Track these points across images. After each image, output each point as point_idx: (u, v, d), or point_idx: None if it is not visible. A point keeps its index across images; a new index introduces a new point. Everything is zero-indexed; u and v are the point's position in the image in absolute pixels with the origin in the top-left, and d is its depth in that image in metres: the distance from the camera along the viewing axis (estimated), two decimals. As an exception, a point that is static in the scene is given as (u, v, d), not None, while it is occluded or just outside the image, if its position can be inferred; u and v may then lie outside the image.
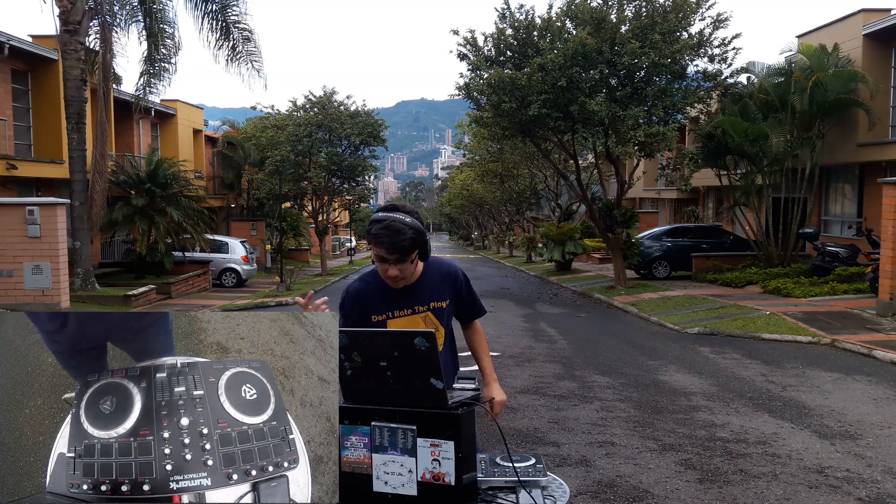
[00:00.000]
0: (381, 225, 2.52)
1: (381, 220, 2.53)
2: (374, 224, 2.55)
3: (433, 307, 2.74)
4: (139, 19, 16.68)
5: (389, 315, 2.70)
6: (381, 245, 2.52)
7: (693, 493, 4.62)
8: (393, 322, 2.70)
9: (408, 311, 2.71)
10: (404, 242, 2.50)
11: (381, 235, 2.51)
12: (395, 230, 2.50)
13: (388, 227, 2.51)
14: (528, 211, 37.19)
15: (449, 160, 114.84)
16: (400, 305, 2.70)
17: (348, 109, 27.08)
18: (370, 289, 2.72)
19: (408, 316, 2.71)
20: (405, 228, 2.51)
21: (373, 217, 2.59)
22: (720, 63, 16.86)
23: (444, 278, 2.77)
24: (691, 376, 8.30)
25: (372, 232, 2.54)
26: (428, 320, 2.73)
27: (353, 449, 2.16)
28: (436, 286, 2.75)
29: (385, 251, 2.52)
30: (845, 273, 15.23)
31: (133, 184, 19.52)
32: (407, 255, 2.54)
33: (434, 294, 2.74)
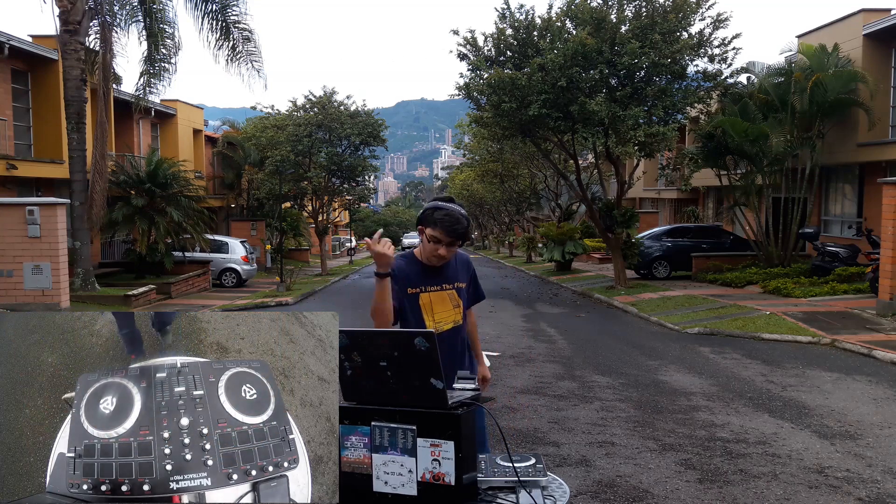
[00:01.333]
0: (445, 211, 2.95)
1: (444, 208, 2.97)
2: (436, 210, 2.97)
3: (457, 286, 3.17)
4: (139, 19, 16.69)
5: (422, 289, 3.10)
6: (443, 228, 2.93)
7: (693, 493, 4.62)
8: (425, 295, 3.10)
9: (437, 288, 3.12)
10: (461, 230, 2.96)
11: (445, 220, 2.93)
12: (455, 218, 2.94)
13: (450, 214, 2.95)
14: (528, 211, 37.19)
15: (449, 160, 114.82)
16: (431, 282, 3.11)
17: (348, 109, 27.07)
18: (409, 266, 3.12)
19: (437, 291, 3.12)
20: (462, 219, 2.96)
21: (432, 204, 3.01)
22: (720, 63, 16.87)
23: (462, 264, 3.24)
24: (691, 376, 8.30)
25: (435, 216, 2.95)
26: (452, 297, 3.15)
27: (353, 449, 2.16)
28: (458, 269, 3.20)
29: (444, 234, 2.94)
30: (845, 273, 15.23)
31: (133, 184, 19.52)
32: (461, 239, 2.99)
33: (457, 275, 3.19)
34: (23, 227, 12.78)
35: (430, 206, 3.02)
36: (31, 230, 12.78)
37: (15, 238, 12.81)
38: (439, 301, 3.12)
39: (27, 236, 12.80)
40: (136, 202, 18.88)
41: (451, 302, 3.15)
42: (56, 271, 12.92)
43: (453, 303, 3.15)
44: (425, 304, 3.09)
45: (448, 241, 2.96)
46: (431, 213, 2.97)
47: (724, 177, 19.07)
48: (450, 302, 3.14)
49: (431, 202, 3.07)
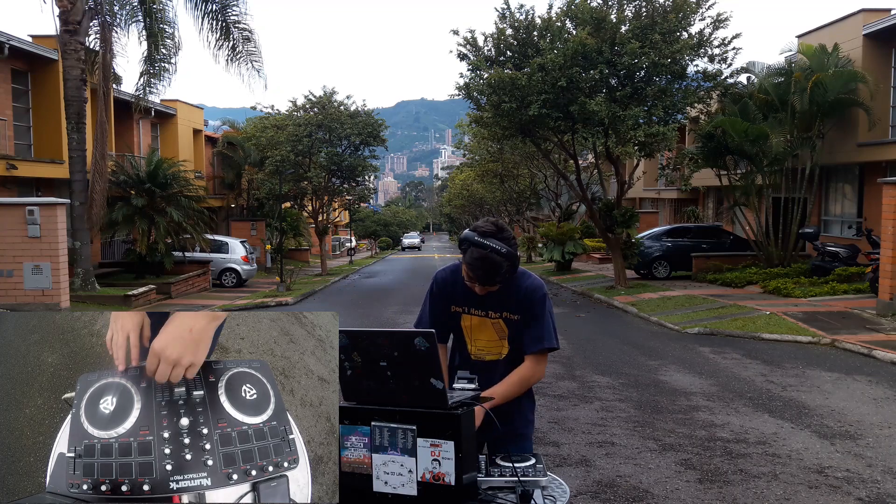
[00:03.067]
0: (479, 255, 2.49)
1: (482, 246, 2.48)
2: (472, 247, 2.51)
3: (505, 317, 2.74)
4: (139, 19, 16.69)
5: (465, 310, 2.76)
6: (475, 273, 2.54)
7: (693, 493, 4.62)
8: (466, 317, 2.77)
9: (481, 313, 2.75)
10: (497, 277, 2.53)
11: (477, 268, 2.51)
12: (491, 264, 2.49)
13: (485, 259, 2.48)
14: (528, 211, 37.19)
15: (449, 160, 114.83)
16: (477, 305, 2.74)
17: (348, 109, 27.08)
18: (456, 281, 2.77)
19: (480, 317, 2.76)
20: (502, 263, 2.49)
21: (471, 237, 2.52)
22: (720, 63, 16.86)
23: (523, 295, 2.70)
24: (691, 376, 8.30)
25: (468, 260, 2.54)
26: (498, 327, 2.75)
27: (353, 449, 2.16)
28: (512, 298, 2.70)
29: (478, 280, 2.56)
30: (845, 273, 15.23)
31: (133, 184, 19.52)
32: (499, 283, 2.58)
33: (509, 305, 2.72)
34: (23, 227, 12.78)
35: (466, 237, 2.54)
36: (31, 230, 12.77)
37: (15, 238, 12.80)
38: (481, 328, 2.77)
39: (27, 236, 12.80)
40: (136, 202, 18.88)
41: (497, 332, 2.76)
42: (56, 271, 12.92)
43: (499, 334, 2.76)
44: (467, 328, 2.80)
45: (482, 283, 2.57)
46: (467, 247, 2.53)
47: (724, 177, 19.07)
48: (494, 332, 2.76)
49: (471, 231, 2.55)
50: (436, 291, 2.82)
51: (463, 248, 2.55)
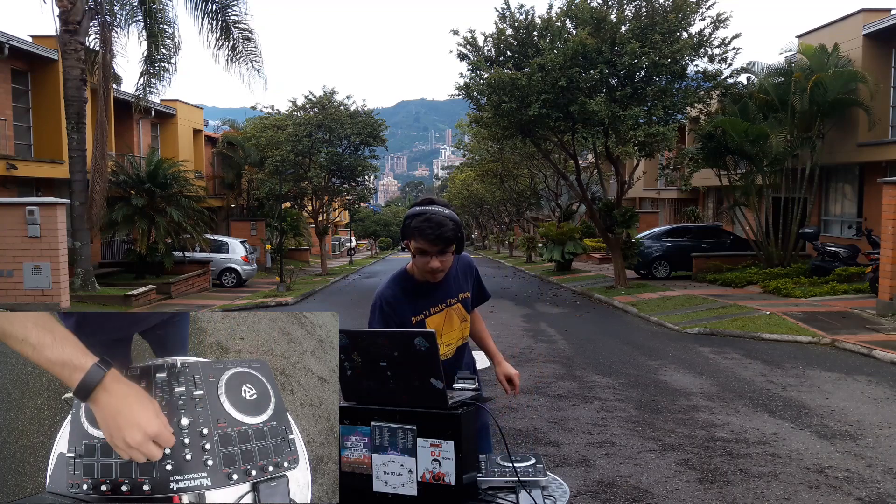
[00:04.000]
0: (422, 217, 2.50)
1: (421, 213, 2.52)
2: (413, 218, 2.53)
3: (461, 298, 2.81)
4: (139, 19, 16.69)
5: (427, 314, 2.71)
6: (424, 237, 2.49)
7: (693, 493, 4.62)
8: (430, 319, 2.72)
9: (441, 307, 2.74)
10: (447, 233, 2.50)
11: (424, 227, 2.49)
12: (437, 222, 2.49)
13: (429, 219, 2.49)
14: (528, 211, 37.20)
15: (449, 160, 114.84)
16: (433, 302, 2.73)
17: (348, 109, 27.09)
18: (401, 292, 2.70)
19: (441, 311, 2.75)
20: (446, 220, 2.50)
21: (410, 212, 2.57)
22: (720, 63, 16.87)
23: (464, 269, 2.85)
24: (691, 376, 8.30)
25: (412, 225, 2.52)
26: (458, 312, 2.80)
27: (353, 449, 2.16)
28: (459, 277, 2.81)
29: (428, 243, 2.50)
30: (845, 273, 15.23)
31: (133, 184, 19.52)
32: (449, 245, 2.53)
33: (460, 285, 2.81)
34: (23, 227, 12.78)
35: (409, 214, 2.57)
36: (31, 230, 12.78)
37: (15, 238, 12.81)
38: (446, 321, 2.76)
39: (27, 236, 12.81)
40: (136, 202, 18.88)
41: (458, 317, 2.81)
42: (56, 271, 12.93)
43: (460, 317, 2.81)
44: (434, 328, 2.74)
45: (436, 249, 2.51)
46: (410, 221, 2.53)
47: (724, 177, 19.07)
48: (457, 319, 2.80)
49: (410, 209, 2.61)
50: (387, 311, 2.68)
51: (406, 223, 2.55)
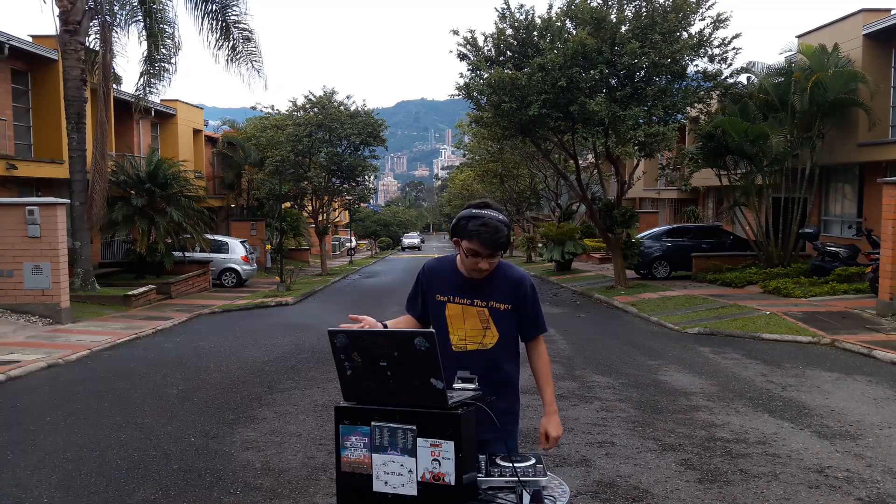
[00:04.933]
0: (481, 221, 2.64)
1: (478, 217, 2.65)
2: (471, 220, 2.66)
3: (492, 306, 2.81)
4: (139, 19, 16.69)
5: (450, 299, 2.82)
6: (480, 240, 2.63)
7: (693, 493, 4.62)
8: (451, 306, 2.82)
9: (467, 301, 2.80)
10: (502, 239, 2.65)
11: (482, 231, 2.63)
12: (493, 227, 2.63)
13: (487, 223, 2.63)
14: (528, 211, 37.18)
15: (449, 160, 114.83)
16: (463, 294, 2.81)
17: (348, 109, 27.08)
18: (443, 271, 2.88)
19: (465, 305, 2.81)
20: (502, 227, 2.65)
21: (466, 213, 2.70)
22: (720, 63, 16.85)
23: (509, 282, 2.83)
24: (691, 376, 8.30)
25: (470, 228, 2.65)
26: (482, 316, 2.80)
27: (353, 449, 2.16)
28: (500, 288, 2.81)
29: (483, 247, 2.64)
30: (845, 273, 15.23)
31: (133, 184, 19.51)
32: (501, 250, 2.68)
33: (496, 295, 2.81)
34: (23, 227, 12.78)
35: (464, 216, 2.69)
36: (31, 230, 12.77)
37: (15, 238, 12.80)
38: (465, 317, 2.81)
39: (27, 236, 12.80)
40: (136, 202, 18.87)
41: (481, 321, 2.80)
42: (56, 271, 12.92)
43: (483, 323, 2.80)
44: (451, 316, 2.82)
45: (488, 252, 2.65)
46: (466, 223, 2.66)
47: (724, 177, 19.07)
48: (479, 321, 2.80)
49: (465, 210, 2.73)
50: (422, 278, 2.93)
51: (462, 224, 2.69)
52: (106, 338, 11.51)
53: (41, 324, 12.61)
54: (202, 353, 10.33)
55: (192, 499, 4.62)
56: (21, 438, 6.00)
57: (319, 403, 7.10)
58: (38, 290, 12.93)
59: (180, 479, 4.97)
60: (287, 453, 5.52)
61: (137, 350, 10.76)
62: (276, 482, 4.89)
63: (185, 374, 8.77)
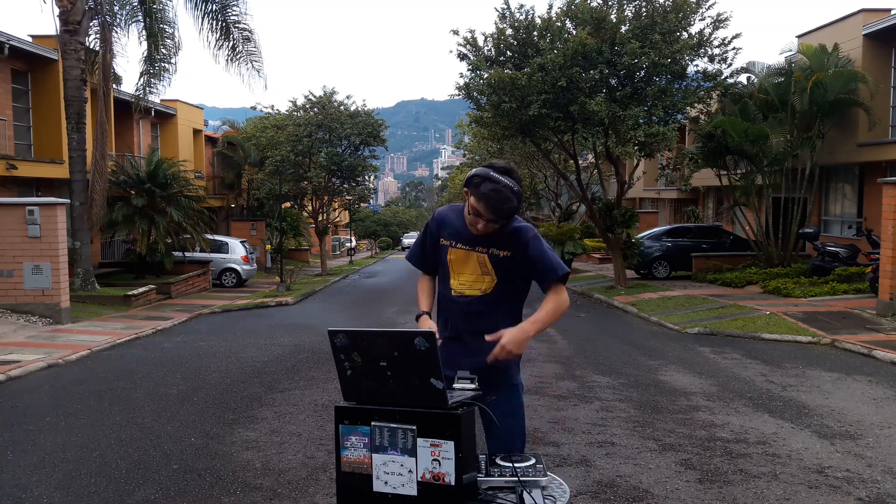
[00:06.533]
0: (494, 186, 2.61)
1: (494, 180, 2.62)
2: (486, 181, 2.62)
3: (491, 252, 2.79)
4: (139, 19, 16.69)
5: (452, 244, 2.85)
6: (487, 206, 2.62)
7: (693, 493, 4.62)
8: (453, 250, 2.85)
9: (467, 248, 2.82)
10: (507, 211, 2.64)
11: (492, 198, 2.61)
12: (504, 197, 2.61)
13: (499, 190, 2.61)
14: (528, 211, 37.17)
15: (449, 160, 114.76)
16: (465, 241, 2.83)
17: (348, 109, 27.08)
18: (453, 219, 2.90)
19: (466, 251, 2.82)
20: (512, 198, 2.62)
21: (484, 172, 2.64)
22: (720, 63, 16.86)
23: (510, 232, 2.80)
24: (691, 376, 8.30)
25: (482, 190, 2.62)
26: (481, 260, 2.80)
27: (353, 449, 2.16)
28: (501, 237, 2.79)
29: (488, 212, 2.64)
30: (845, 273, 15.23)
31: (133, 184, 19.51)
32: (503, 220, 2.69)
33: (497, 242, 2.79)
34: (23, 227, 12.77)
35: (481, 173, 2.66)
36: (31, 230, 12.77)
37: (15, 238, 12.80)
38: (466, 261, 2.82)
39: (27, 236, 12.80)
40: (136, 202, 18.87)
41: (480, 267, 2.81)
42: (56, 271, 12.92)
43: (482, 269, 2.81)
44: (452, 261, 2.85)
45: (489, 218, 2.65)
46: (480, 182, 2.63)
47: (724, 177, 19.07)
48: (478, 266, 2.81)
49: (485, 168, 2.68)
50: (430, 224, 2.96)
51: (475, 182, 2.65)
52: (106, 338, 11.51)
53: (41, 324, 12.61)
54: (202, 353, 10.33)
55: (192, 499, 4.62)
56: (21, 438, 6.00)
57: (319, 403, 7.10)
58: (38, 290, 12.93)
59: (180, 479, 4.97)
60: (287, 453, 5.52)
61: (137, 350, 10.76)
62: (276, 482, 4.89)
63: (185, 374, 8.77)
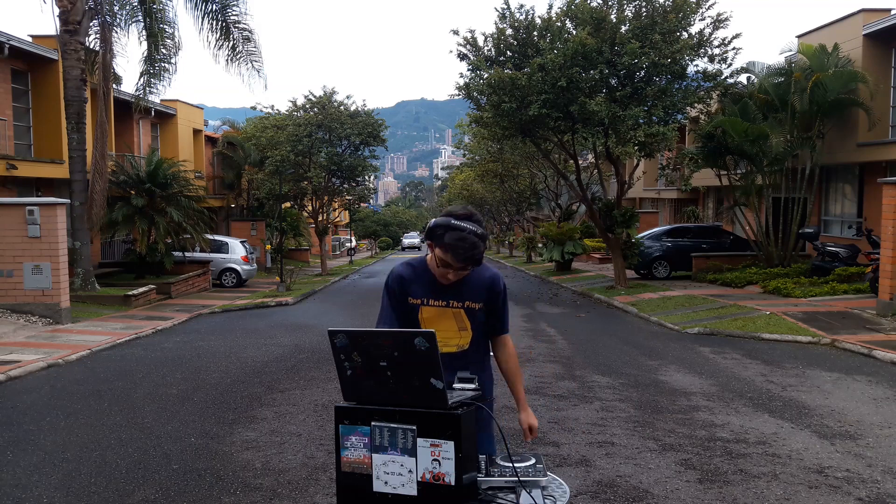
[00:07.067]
0: (458, 235, 2.58)
1: (456, 229, 2.59)
2: (448, 231, 2.60)
3: (467, 306, 2.80)
4: (139, 19, 16.68)
5: (424, 301, 2.79)
6: (455, 256, 2.60)
7: (693, 493, 4.62)
8: (426, 308, 2.79)
9: (442, 303, 2.79)
10: (476, 257, 2.62)
11: (458, 248, 2.58)
12: (471, 244, 2.58)
13: (464, 238, 2.58)
14: (528, 211, 37.19)
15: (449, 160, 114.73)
16: (437, 296, 2.79)
17: (348, 109, 27.09)
18: (414, 275, 2.83)
19: (441, 308, 2.79)
20: (479, 244, 2.60)
21: (444, 221, 2.62)
22: (720, 63, 16.84)
23: (483, 282, 2.82)
24: (691, 376, 8.30)
25: (447, 241, 2.59)
26: (459, 317, 2.80)
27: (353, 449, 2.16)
28: (474, 288, 2.81)
29: (456, 262, 2.61)
30: (845, 273, 15.23)
31: (133, 184, 19.51)
32: (474, 265, 2.67)
33: (471, 294, 2.80)
34: (23, 227, 12.77)
35: (441, 223, 2.62)
36: (31, 230, 12.77)
37: (15, 238, 12.80)
38: (442, 318, 2.79)
39: (27, 236, 12.80)
40: (136, 202, 18.87)
41: (457, 323, 2.81)
42: (56, 271, 12.92)
43: (459, 324, 2.81)
44: (425, 320, 2.80)
45: (459, 266, 2.63)
46: (444, 232, 2.60)
47: (724, 177, 19.06)
48: (455, 322, 2.80)
49: (444, 217, 2.65)
50: (391, 285, 2.84)
51: (438, 233, 2.62)
52: (106, 338, 11.51)
53: (41, 324, 12.61)
54: (202, 353, 10.33)
55: (192, 499, 4.62)
56: (21, 438, 6.00)
57: (319, 403, 7.10)
58: (38, 290, 12.93)
59: (180, 479, 4.97)
60: (287, 453, 5.52)
61: (137, 350, 10.76)
62: (276, 482, 4.89)
63: (185, 374, 8.77)
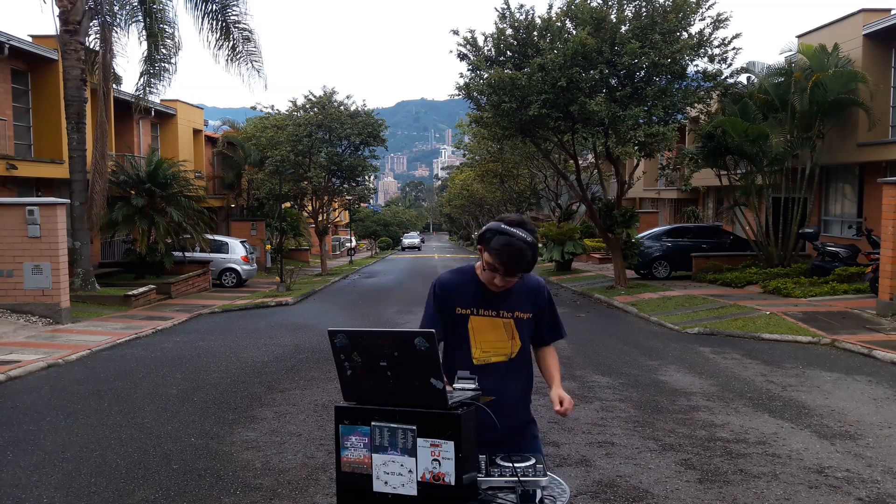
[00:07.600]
0: (507, 241, 2.54)
1: (507, 233, 2.56)
2: (497, 235, 2.57)
3: (516, 316, 2.77)
4: (139, 19, 16.68)
5: (474, 311, 2.73)
6: (501, 262, 2.56)
7: (693, 493, 4.62)
8: (476, 318, 2.73)
9: (492, 313, 2.74)
10: (524, 263, 2.57)
11: (504, 253, 2.55)
12: (518, 250, 2.54)
13: (512, 245, 2.54)
14: (528, 211, 37.18)
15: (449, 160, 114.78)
16: (486, 305, 2.73)
17: (348, 109, 27.09)
18: (461, 282, 2.77)
19: (491, 318, 2.74)
20: (528, 251, 2.55)
21: (496, 226, 2.60)
22: (720, 63, 16.84)
23: (529, 291, 2.80)
24: (691, 376, 8.30)
25: (494, 245, 2.56)
26: (508, 326, 2.76)
27: (353, 449, 2.16)
28: (522, 297, 2.78)
29: (503, 267, 2.57)
30: (845, 273, 15.23)
31: (133, 184, 19.50)
32: (523, 272, 2.61)
33: (519, 304, 2.77)
34: (23, 227, 12.77)
35: (493, 228, 2.60)
36: (31, 230, 12.77)
37: (15, 238, 12.80)
38: (491, 328, 2.74)
39: (27, 236, 12.80)
40: (136, 202, 18.86)
41: (506, 332, 2.75)
42: (56, 271, 12.92)
43: (508, 334, 2.75)
44: (474, 329, 2.73)
45: (505, 271, 2.59)
46: (492, 236, 2.58)
47: (724, 177, 19.06)
48: (504, 332, 2.75)
49: (496, 222, 2.63)
50: (438, 293, 2.78)
51: (487, 236, 2.60)
52: (106, 338, 11.51)
53: (41, 324, 12.60)
54: (202, 353, 10.33)
55: (192, 499, 4.62)
56: (21, 438, 6.00)
57: (319, 403, 7.10)
58: (38, 290, 12.93)
59: (180, 479, 4.97)
60: (287, 453, 5.52)
61: (137, 350, 10.76)
62: (276, 482, 4.89)
63: (185, 374, 8.77)
